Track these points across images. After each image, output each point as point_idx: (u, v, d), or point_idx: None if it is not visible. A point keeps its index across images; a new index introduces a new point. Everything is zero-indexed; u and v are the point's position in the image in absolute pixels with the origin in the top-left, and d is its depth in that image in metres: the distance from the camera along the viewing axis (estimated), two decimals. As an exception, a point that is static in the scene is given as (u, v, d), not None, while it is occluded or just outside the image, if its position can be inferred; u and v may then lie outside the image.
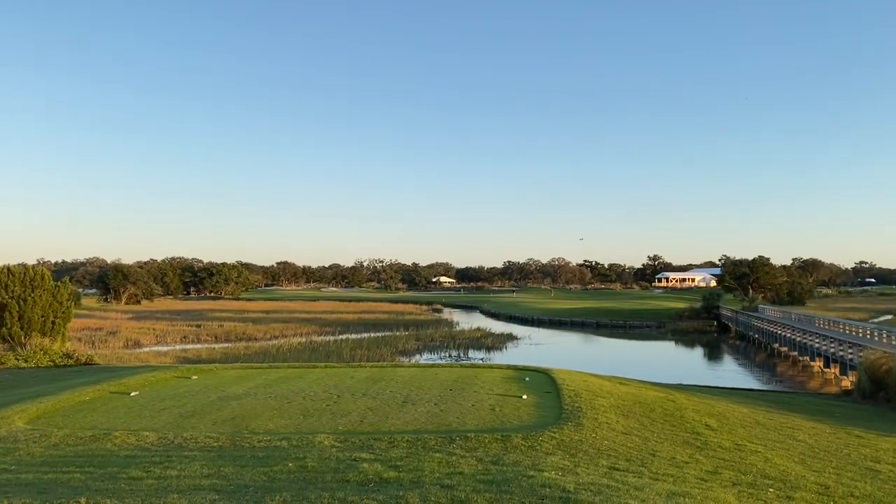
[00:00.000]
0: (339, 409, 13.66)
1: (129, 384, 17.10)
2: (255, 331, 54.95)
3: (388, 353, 40.17)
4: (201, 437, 10.77)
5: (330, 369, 20.64)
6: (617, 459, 9.48)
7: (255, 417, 12.80)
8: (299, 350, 40.74)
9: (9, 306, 30.56)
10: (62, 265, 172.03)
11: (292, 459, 8.79)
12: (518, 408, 13.64)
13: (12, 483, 7.73)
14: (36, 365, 26.57)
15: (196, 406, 14.13)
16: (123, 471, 8.30)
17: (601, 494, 6.89)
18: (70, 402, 14.78)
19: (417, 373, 19.44)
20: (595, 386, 16.63)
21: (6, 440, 10.88)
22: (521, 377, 18.13)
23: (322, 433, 10.98)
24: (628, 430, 11.89)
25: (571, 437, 10.65)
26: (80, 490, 7.11)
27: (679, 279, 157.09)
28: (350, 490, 6.98)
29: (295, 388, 16.37)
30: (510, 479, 7.58)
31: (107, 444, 10.46)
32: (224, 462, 8.76)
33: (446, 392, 15.55)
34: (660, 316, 71.42)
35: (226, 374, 19.68)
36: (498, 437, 10.35)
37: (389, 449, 9.63)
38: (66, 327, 33.44)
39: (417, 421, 12.33)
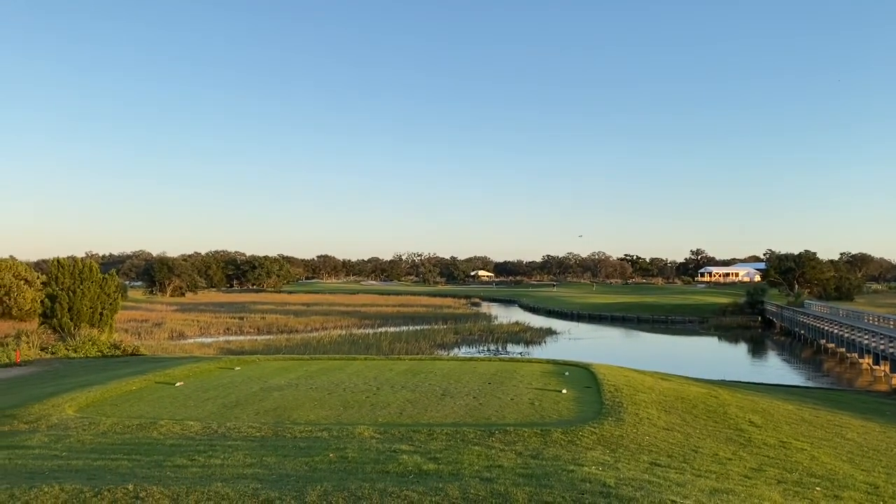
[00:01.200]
0: (378, 400, 13.76)
1: (175, 374, 17.46)
2: (297, 323, 55.60)
3: (427, 347, 40.30)
4: (244, 426, 10.95)
5: (369, 361, 20.79)
6: (658, 455, 9.37)
7: (296, 408, 12.97)
8: (339, 342, 41.11)
9: (59, 298, 31.45)
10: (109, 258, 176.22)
11: (333, 450, 8.88)
12: (557, 402, 13.57)
13: (63, 469, 7.96)
14: (85, 355, 27.27)
15: (239, 396, 14.37)
16: (169, 459, 8.48)
17: (642, 490, 6.81)
18: (118, 391, 15.15)
19: (456, 366, 19.47)
20: (636, 381, 16.46)
21: (57, 427, 11.21)
22: (560, 372, 18.03)
23: (362, 424, 11.07)
24: (670, 426, 11.74)
25: (612, 433, 10.55)
26: (128, 477, 7.28)
27: (722, 274, 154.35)
28: (390, 481, 7.02)
29: (335, 380, 16.53)
30: (550, 473, 7.54)
31: (153, 432, 10.70)
32: (266, 452, 8.89)
33: (485, 386, 15.54)
34: (702, 311, 70.31)
35: (268, 365, 19.96)
36: (537, 432, 10.31)
37: (429, 441, 9.66)
38: (113, 318, 34.29)
39: (456, 414, 12.35)
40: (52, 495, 6.30)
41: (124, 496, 6.26)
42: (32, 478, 7.27)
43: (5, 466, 8.21)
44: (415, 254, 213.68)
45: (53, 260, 33.80)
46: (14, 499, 6.22)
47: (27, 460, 8.56)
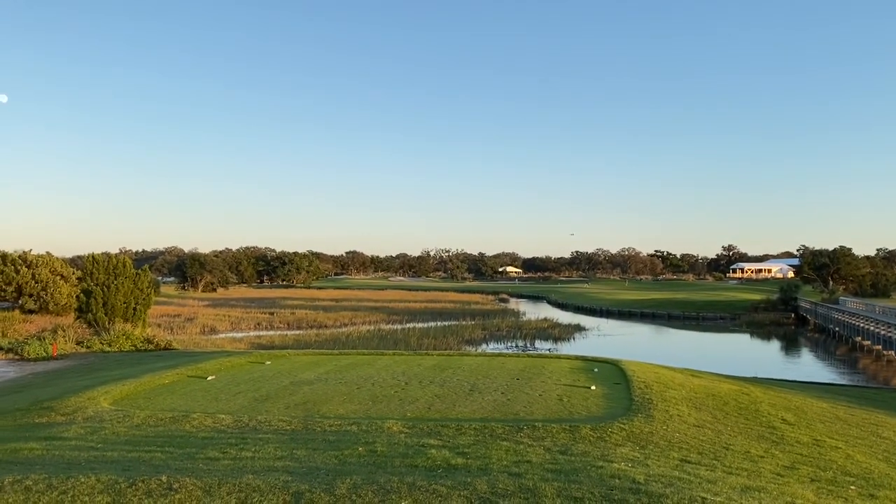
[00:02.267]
0: (407, 395, 13.81)
1: (206, 369, 17.70)
2: (326, 318, 56.00)
3: (455, 342, 40.34)
4: (275, 420, 11.07)
5: (398, 357, 20.88)
6: (689, 452, 9.29)
7: (325, 402, 13.08)
8: (368, 337, 41.33)
9: (94, 293, 32.04)
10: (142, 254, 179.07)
11: (362, 444, 8.94)
12: (586, 398, 13.51)
13: (99, 460, 8.12)
14: (119, 349, 27.77)
15: (269, 390, 14.53)
16: (201, 451, 8.60)
17: (672, 486, 6.76)
18: (151, 384, 15.41)
19: (484, 362, 19.47)
20: (666, 378, 16.32)
21: (93, 420, 11.44)
22: (589, 368, 17.94)
23: (391, 419, 11.12)
24: (700, 423, 11.62)
25: (641, 429, 10.48)
26: (161, 468, 7.40)
27: (755, 270, 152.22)
28: (419, 475, 7.05)
29: (364, 375, 16.63)
30: (579, 469, 7.52)
31: (185, 425, 10.86)
32: (296, 445, 8.98)
33: (513, 381, 15.53)
34: (734, 308, 69.41)
35: (298, 359, 20.15)
36: (566, 428, 10.27)
37: (457, 436, 9.68)
38: (146, 313, 34.84)
39: (484, 409, 12.36)
40: (88, 485, 6.43)
41: (158, 487, 6.37)
42: (69, 468, 7.43)
43: (43, 457, 8.41)
44: (443, 250, 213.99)
45: (88, 256, 34.44)
46: (52, 488, 6.36)
47: (64, 451, 8.75)
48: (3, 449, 8.92)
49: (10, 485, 6.48)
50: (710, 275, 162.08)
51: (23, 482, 6.55)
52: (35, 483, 6.51)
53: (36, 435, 10.18)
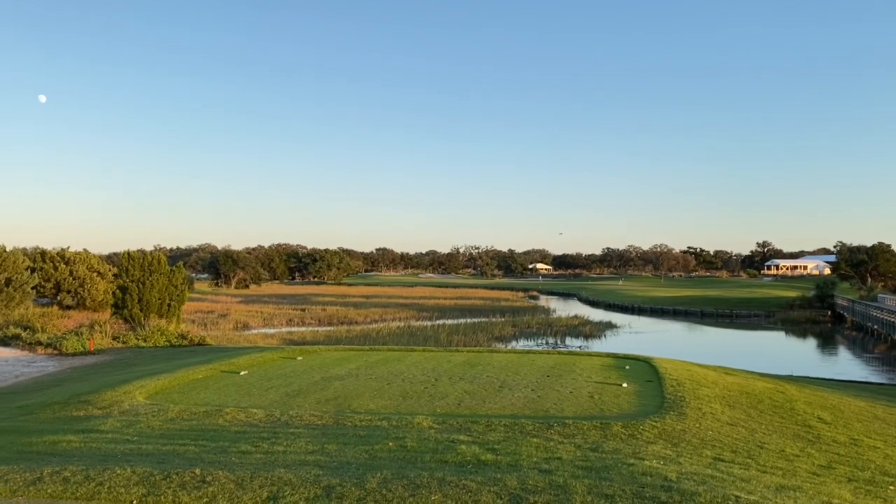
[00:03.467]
0: (436, 391, 13.84)
1: (239, 364, 17.91)
2: (356, 315, 56.28)
3: (485, 339, 40.27)
4: (306, 415, 11.16)
5: (427, 353, 20.91)
6: (722, 450, 9.17)
7: (356, 397, 13.15)
8: (398, 334, 41.46)
9: (129, 289, 32.60)
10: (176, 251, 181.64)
11: (392, 439, 8.97)
12: (618, 396, 13.41)
13: (134, 453, 8.26)
14: (154, 344, 28.21)
15: (301, 385, 14.65)
16: (234, 445, 8.71)
17: (705, 485, 6.67)
18: (185, 379, 15.63)
19: (514, 358, 19.42)
20: (699, 375, 16.12)
21: (128, 413, 11.64)
22: (620, 365, 17.79)
23: (420, 415, 11.15)
24: (734, 421, 11.47)
25: (674, 427, 10.37)
26: (195, 461, 7.51)
27: (790, 267, 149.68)
28: (448, 470, 7.05)
29: (394, 371, 16.69)
30: (609, 466, 7.46)
31: (218, 419, 11.00)
32: (328, 439, 9.04)
33: (543, 378, 15.46)
34: (769, 305, 68.25)
35: (329, 355, 20.29)
36: (597, 425, 10.21)
37: (487, 432, 9.67)
38: (180, 309, 35.36)
39: (514, 406, 12.33)
40: (124, 477, 6.55)
41: (192, 480, 6.46)
42: (106, 460, 7.57)
43: (81, 449, 8.58)
44: (472, 246, 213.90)
45: (124, 253, 35.04)
46: (89, 479, 6.49)
47: (101, 444, 8.92)
48: (42, 441, 9.12)
49: (49, 476, 6.63)
50: (744, 272, 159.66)
51: (61, 473, 6.69)
52: (73, 474, 6.65)
53: (74, 428, 10.40)
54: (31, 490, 6.28)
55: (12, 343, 27.19)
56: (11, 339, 27.56)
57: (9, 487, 6.35)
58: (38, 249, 47.33)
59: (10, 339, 27.56)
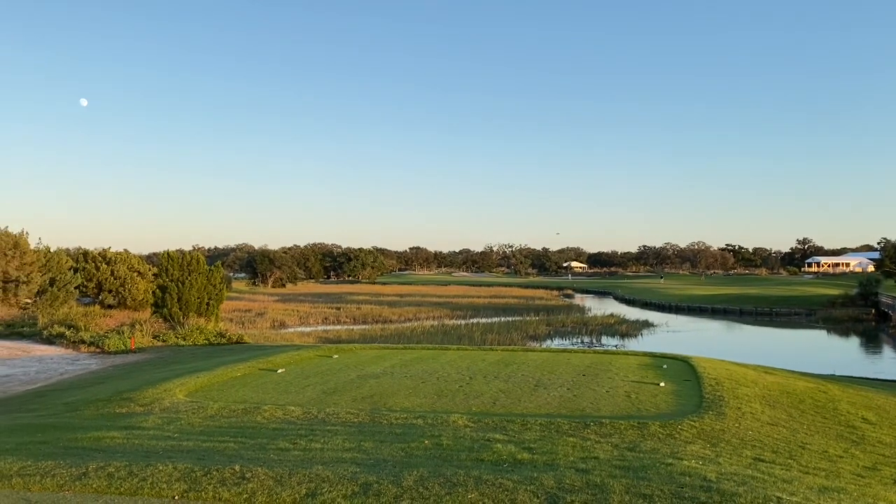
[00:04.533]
0: (471, 390, 13.84)
1: (276, 362, 18.11)
2: (390, 313, 56.52)
3: (519, 338, 40.14)
4: (342, 412, 11.26)
5: (462, 352, 20.92)
6: (762, 451, 9.02)
7: (391, 395, 13.22)
8: (432, 332, 41.54)
9: (169, 289, 33.19)
10: (214, 251, 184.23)
11: (428, 437, 9.00)
12: (655, 395, 13.27)
13: (175, 449, 8.41)
14: (193, 343, 28.67)
15: (337, 383, 14.78)
16: (272, 442, 8.81)
17: (745, 485, 6.57)
18: (224, 377, 15.87)
19: (549, 357, 19.33)
20: (738, 374, 15.87)
21: (169, 411, 11.86)
22: (658, 364, 17.61)
23: (456, 413, 11.17)
24: (775, 421, 11.27)
25: (713, 427, 10.23)
26: (234, 458, 7.62)
27: (832, 264, 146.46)
28: (485, 469, 7.05)
29: (429, 369, 16.74)
30: (647, 465, 7.39)
31: (257, 416, 11.15)
32: (364, 437, 9.11)
33: (579, 377, 15.37)
34: (810, 303, 66.84)
35: (364, 353, 20.42)
36: (634, 424, 10.12)
37: (523, 431, 9.65)
38: (219, 308, 35.89)
39: (550, 405, 12.28)
40: (165, 473, 6.67)
41: (231, 476, 6.56)
42: (148, 456, 7.72)
43: (124, 445, 8.76)
44: (506, 245, 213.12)
45: (164, 253, 35.68)
46: (132, 475, 6.62)
47: (143, 440, 9.10)
48: (87, 437, 9.33)
49: (93, 471, 6.78)
50: (784, 269, 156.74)
51: (106, 469, 6.84)
52: (117, 470, 6.80)
53: (117, 424, 10.62)
54: (77, 485, 6.43)
55: (57, 341, 27.87)
56: (56, 337, 28.25)
57: (56, 482, 6.51)
58: (81, 250, 48.42)
59: (54, 338, 28.24)
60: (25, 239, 38.88)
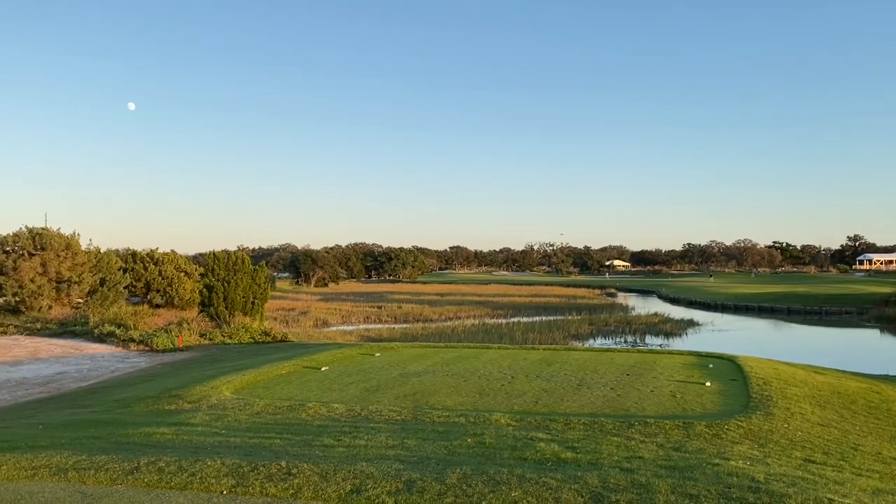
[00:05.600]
0: (513, 389, 13.81)
1: (320, 360, 18.32)
2: (431, 312, 56.64)
3: (561, 337, 39.86)
4: (385, 410, 11.34)
5: (503, 350, 20.87)
6: (813, 452, 8.82)
7: (433, 394, 13.26)
8: (473, 331, 41.51)
9: (215, 288, 33.80)
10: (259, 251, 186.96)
11: (470, 435, 9.01)
12: (701, 395, 13.07)
13: (223, 445, 8.57)
14: (239, 341, 29.16)
15: (380, 381, 14.88)
16: (317, 439, 8.92)
17: (795, 486, 6.43)
18: (269, 375, 16.11)
19: (592, 356, 19.18)
20: (786, 374, 15.54)
21: (217, 408, 12.09)
22: (703, 364, 17.33)
23: (498, 412, 11.16)
24: (825, 422, 11.00)
25: (760, 427, 10.04)
26: (280, 454, 7.73)
27: (884, 261, 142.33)
28: (528, 468, 7.04)
29: (470, 368, 16.74)
30: (693, 465, 7.29)
31: (301, 413, 11.30)
32: (407, 434, 9.16)
33: (623, 377, 15.22)
34: (861, 301, 65.01)
35: (406, 352, 20.51)
36: (679, 424, 9.98)
37: (566, 430, 9.60)
38: (263, 307, 36.42)
39: (593, 404, 12.18)
40: (214, 468, 6.80)
41: (278, 472, 6.66)
42: (197, 452, 7.88)
43: (173, 441, 8.96)
44: (547, 243, 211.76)
45: (210, 253, 36.33)
46: (182, 470, 6.77)
47: (192, 436, 9.29)
48: (138, 433, 9.57)
49: (145, 466, 6.95)
50: (833, 267, 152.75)
51: (156, 464, 7.01)
52: (167, 465, 6.96)
53: (166, 421, 10.87)
54: (130, 479, 6.59)
55: (107, 340, 28.63)
56: (107, 335, 29.02)
57: (109, 476, 6.69)
58: (129, 251, 49.57)
59: (105, 336, 29.02)
60: (77, 240, 40.01)
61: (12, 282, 36.06)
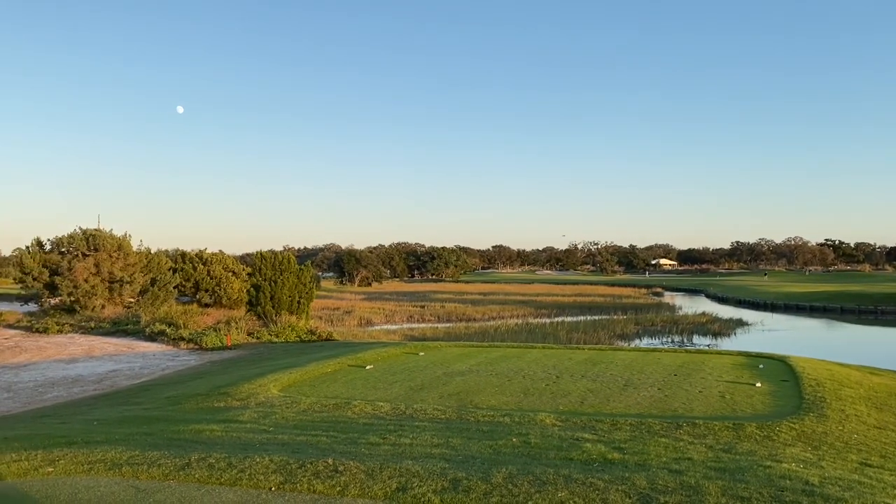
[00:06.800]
0: (558, 389, 13.71)
1: (365, 358, 18.46)
2: (474, 312, 56.57)
3: (606, 337, 39.44)
4: (430, 409, 11.36)
5: (547, 350, 20.74)
6: (869, 455, 8.56)
7: (477, 393, 13.25)
8: (516, 331, 41.34)
9: (262, 287, 34.34)
10: (304, 251, 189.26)
11: (515, 435, 8.97)
12: (751, 396, 12.80)
13: (271, 442, 8.70)
14: (285, 340, 29.56)
15: (424, 380, 14.93)
16: (363, 436, 8.99)
17: (851, 490, 6.25)
18: (315, 373, 16.30)
19: (638, 357, 18.94)
20: (841, 375, 15.12)
21: (264, 405, 12.27)
22: (753, 364, 16.96)
23: (543, 412, 11.09)
24: (882, 425, 10.67)
25: (814, 429, 9.78)
26: (327, 452, 7.81)
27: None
28: (574, 468, 6.98)
29: (514, 367, 16.68)
30: (744, 468, 7.14)
31: (347, 412, 11.40)
32: (451, 433, 9.16)
33: (670, 377, 14.99)
34: (919, 300, 62.91)
35: (449, 351, 20.54)
36: (729, 425, 9.79)
37: (612, 431, 9.49)
38: (309, 306, 36.86)
39: (640, 405, 12.03)
40: (262, 465, 6.90)
41: (325, 469, 6.73)
42: (245, 449, 8.01)
43: (222, 437, 9.12)
44: (591, 242, 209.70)
45: (257, 253, 36.93)
46: (231, 466, 6.89)
47: (240, 433, 9.45)
48: (188, 429, 9.77)
49: (195, 462, 7.09)
50: (889, 265, 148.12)
51: (206, 460, 7.14)
52: (217, 461, 7.08)
53: (216, 418, 11.07)
54: (181, 475, 6.73)
55: (158, 338, 29.30)
56: (157, 334, 29.70)
57: (161, 471, 6.84)
58: (179, 251, 50.71)
59: (156, 335, 29.70)
60: (128, 241, 41.05)
61: (67, 282, 37.17)
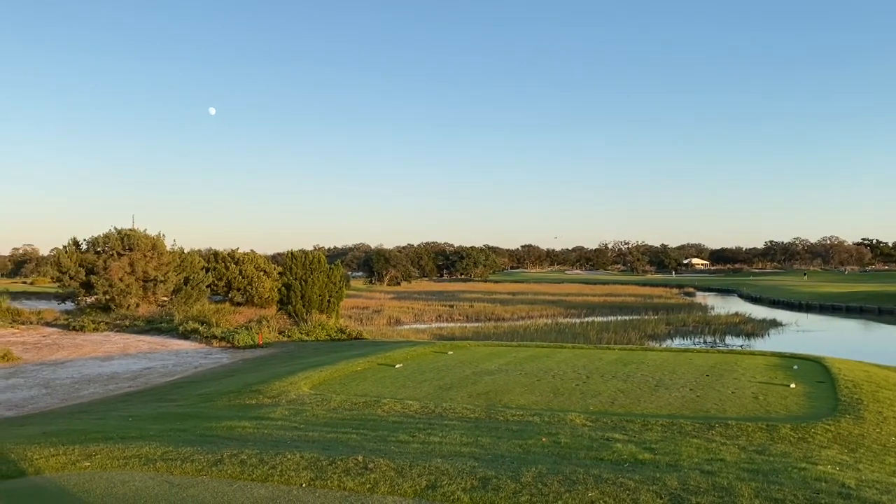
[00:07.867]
0: (588, 389, 13.63)
1: (394, 357, 18.53)
2: (503, 311, 56.43)
3: (636, 337, 39.07)
4: (459, 407, 11.37)
5: (577, 350, 20.63)
6: (908, 459, 8.37)
7: (507, 392, 13.22)
8: (545, 331, 41.15)
9: (293, 286, 34.66)
10: (334, 250, 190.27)
11: (545, 434, 8.94)
12: (785, 397, 12.60)
13: (301, 439, 8.77)
14: (315, 338, 29.79)
15: (453, 379, 14.94)
16: (392, 434, 9.02)
17: (890, 494, 6.12)
18: (345, 371, 16.41)
19: (669, 357, 18.75)
20: (878, 377, 14.81)
21: (295, 403, 12.38)
22: (787, 365, 16.70)
23: (573, 412, 11.04)
24: (922, 428, 10.42)
25: (850, 431, 9.60)
26: (357, 449, 7.85)
27: None
28: (604, 468, 6.93)
29: (544, 367, 16.62)
30: (778, 469, 7.03)
31: (377, 409, 11.46)
32: (481, 432, 9.16)
33: (702, 378, 14.82)
34: (961, 301, 61.32)
35: (478, 350, 20.53)
36: (762, 427, 9.65)
37: (643, 431, 9.41)
38: (339, 305, 37.13)
39: (672, 405, 11.91)
40: (294, 461, 6.97)
41: (355, 466, 6.77)
42: (277, 445, 8.09)
43: (254, 434, 9.22)
44: (621, 242, 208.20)
45: (288, 253, 37.30)
46: (263, 463, 6.96)
47: (272, 430, 9.54)
48: (220, 426, 9.90)
49: (228, 458, 7.18)
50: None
51: (238, 456, 7.23)
52: (249, 458, 7.16)
53: (247, 415, 11.20)
54: (214, 470, 6.82)
55: (191, 336, 29.71)
56: (190, 332, 30.12)
57: (194, 467, 6.94)
58: (211, 251, 51.42)
59: (189, 333, 30.12)
60: (162, 241, 41.70)
61: (103, 281, 37.87)
